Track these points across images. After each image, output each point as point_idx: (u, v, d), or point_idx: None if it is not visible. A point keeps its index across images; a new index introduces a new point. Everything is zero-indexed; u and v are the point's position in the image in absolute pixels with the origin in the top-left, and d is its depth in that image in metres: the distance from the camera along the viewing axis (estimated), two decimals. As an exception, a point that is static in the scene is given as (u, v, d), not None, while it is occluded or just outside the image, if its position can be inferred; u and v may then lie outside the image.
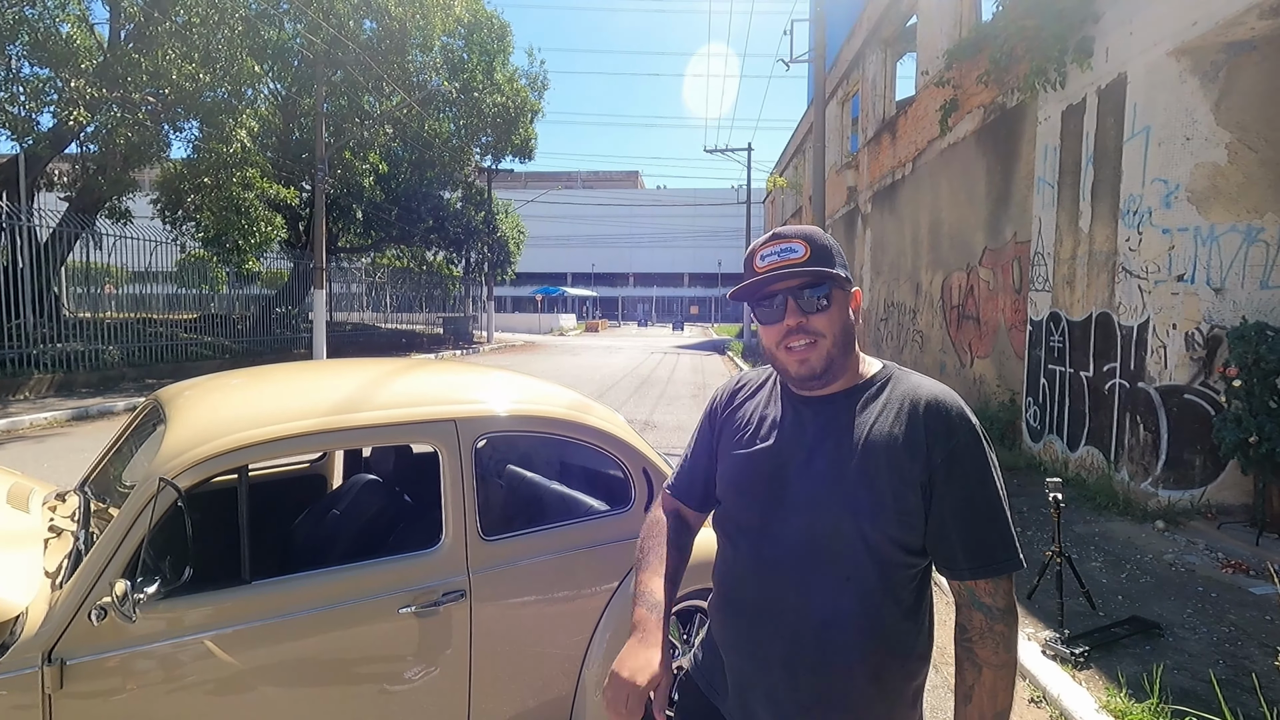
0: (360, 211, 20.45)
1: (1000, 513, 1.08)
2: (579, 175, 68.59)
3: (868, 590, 1.08)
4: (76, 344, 11.59)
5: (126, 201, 14.40)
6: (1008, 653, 1.07)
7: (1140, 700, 2.76)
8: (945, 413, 1.08)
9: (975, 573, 1.07)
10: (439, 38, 18.96)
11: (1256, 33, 4.71)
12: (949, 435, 1.07)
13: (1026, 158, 7.39)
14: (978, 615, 1.07)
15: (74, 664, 1.60)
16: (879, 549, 1.07)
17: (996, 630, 1.06)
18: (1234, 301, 5.02)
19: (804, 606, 1.10)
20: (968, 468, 1.07)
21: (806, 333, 1.09)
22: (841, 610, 1.08)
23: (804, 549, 1.10)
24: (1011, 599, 1.08)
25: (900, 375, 1.16)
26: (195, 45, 11.78)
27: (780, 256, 1.10)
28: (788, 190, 25.42)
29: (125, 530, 1.67)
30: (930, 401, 1.09)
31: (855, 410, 1.12)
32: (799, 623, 1.10)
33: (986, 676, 1.06)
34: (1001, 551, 1.07)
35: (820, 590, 1.09)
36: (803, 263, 1.09)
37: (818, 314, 1.10)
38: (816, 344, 1.10)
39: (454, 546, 2.05)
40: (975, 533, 1.06)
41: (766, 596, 1.13)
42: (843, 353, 1.12)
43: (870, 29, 13.69)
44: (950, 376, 9.82)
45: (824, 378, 1.11)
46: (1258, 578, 4.06)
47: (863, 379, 1.16)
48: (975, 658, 1.07)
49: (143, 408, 2.45)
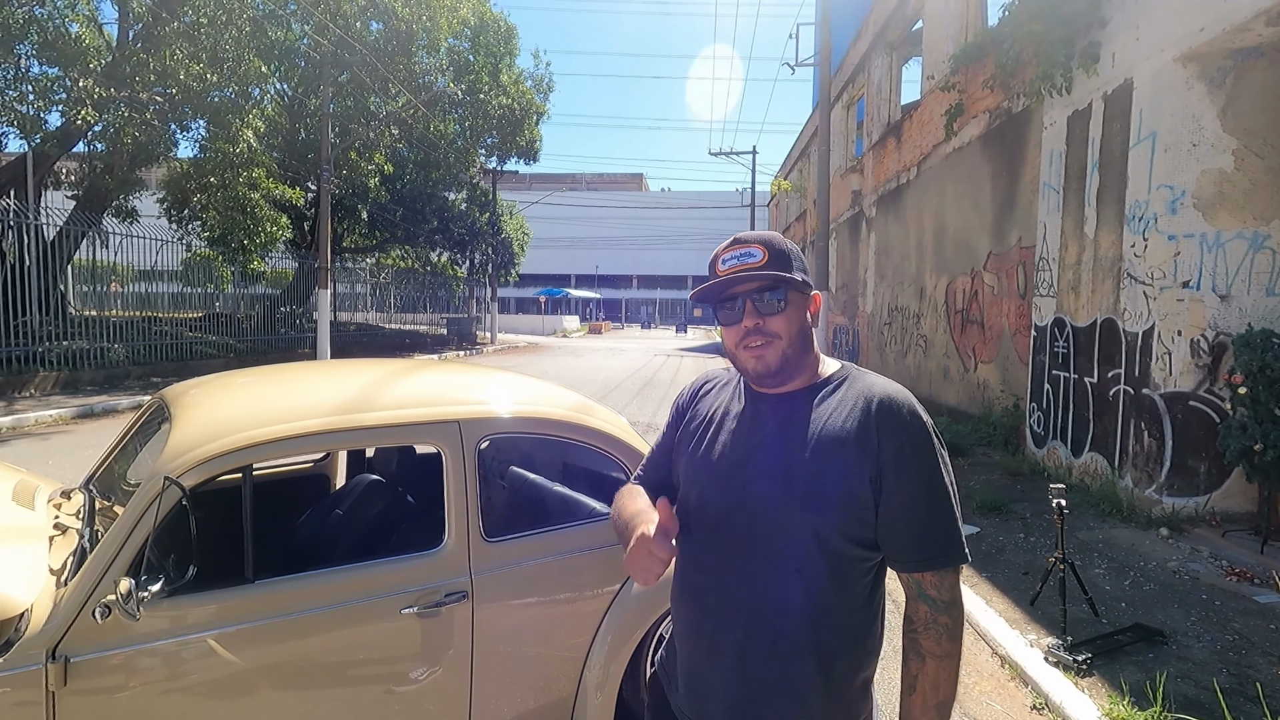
0: (365, 212, 20.51)
1: (947, 507, 1.10)
2: (583, 177, 68.69)
3: (817, 583, 1.10)
4: (82, 342, 11.64)
5: (133, 200, 14.50)
6: (951, 644, 1.09)
7: (1143, 708, 2.75)
8: (896, 409, 1.11)
9: (921, 565, 1.09)
10: (445, 39, 19.03)
11: (1264, 39, 4.70)
12: (898, 431, 1.09)
13: (1032, 163, 7.38)
14: (923, 607, 1.10)
15: (78, 661, 1.60)
16: (829, 542, 1.09)
17: (940, 622, 1.09)
18: (1240, 308, 5.00)
19: (755, 598, 1.13)
20: (916, 463, 1.09)
21: (763, 334, 1.13)
22: (791, 602, 1.11)
23: (755, 541, 1.13)
24: (957, 592, 1.11)
25: (856, 375, 1.19)
26: (203, 45, 11.84)
27: (739, 261, 1.14)
28: (792, 194, 25.42)
29: (130, 528, 1.68)
30: (882, 398, 1.12)
31: (811, 407, 1.15)
32: (750, 614, 1.13)
33: (930, 666, 1.09)
34: (946, 545, 1.09)
35: (771, 582, 1.12)
36: (760, 267, 1.13)
37: (774, 316, 1.13)
38: (772, 343, 1.13)
39: (456, 547, 2.05)
40: (922, 526, 1.09)
41: (719, 587, 1.16)
42: (799, 353, 1.15)
43: (876, 33, 13.69)
44: (954, 381, 9.80)
45: (780, 375, 1.15)
46: (1262, 586, 4.04)
47: (820, 378, 1.20)
48: (920, 648, 1.10)
49: (148, 406, 2.46)
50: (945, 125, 9.30)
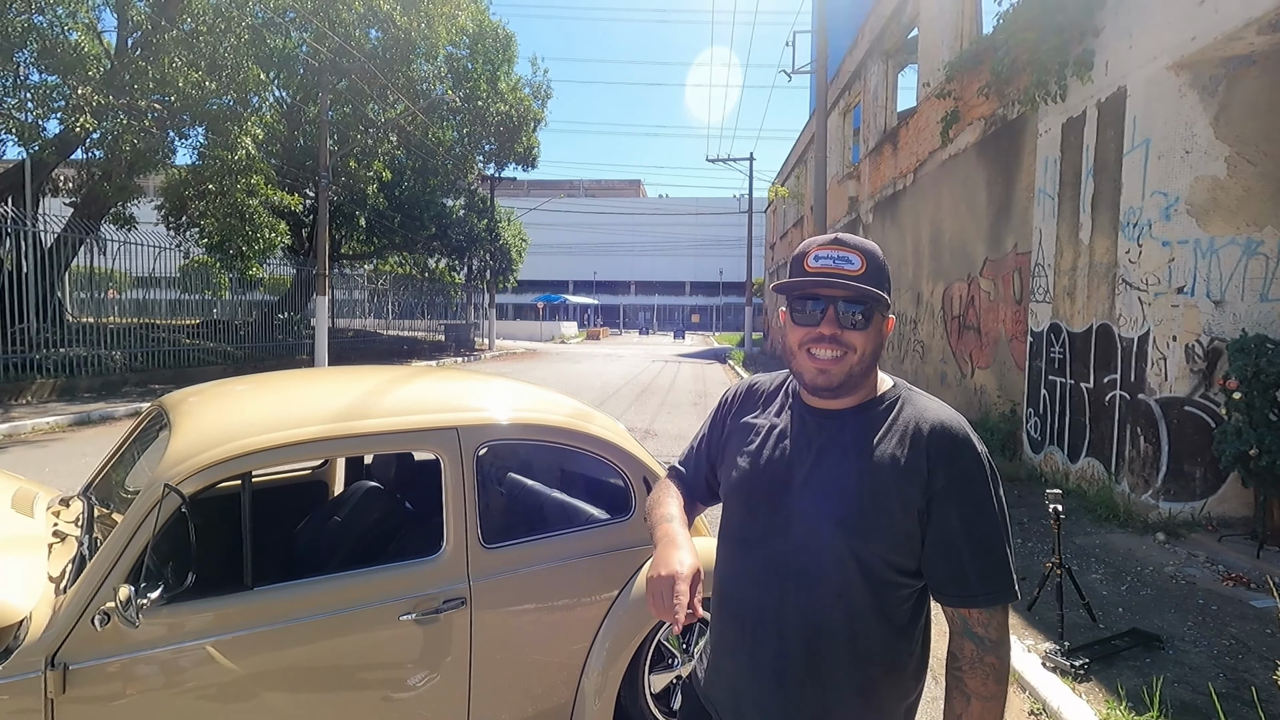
0: (363, 218, 20.56)
1: (998, 542, 1.06)
2: (581, 183, 68.86)
3: (858, 607, 1.08)
4: (79, 349, 11.62)
5: (131, 207, 14.49)
6: (998, 684, 1.06)
7: (1140, 713, 2.76)
8: (949, 438, 1.08)
9: (967, 601, 1.06)
10: (444, 47, 19.11)
11: (1255, 47, 4.75)
12: (950, 461, 1.06)
13: (1027, 169, 7.42)
14: (969, 644, 1.07)
15: (77, 669, 1.61)
16: (871, 568, 1.07)
17: (987, 661, 1.05)
18: (1234, 314, 5.03)
19: (795, 619, 1.10)
20: (967, 495, 1.06)
21: (839, 344, 1.09)
22: (831, 625, 1.09)
23: (798, 562, 1.11)
24: (1005, 631, 1.07)
25: (909, 396, 1.16)
26: (202, 53, 11.87)
27: (835, 263, 1.09)
28: (789, 200, 25.50)
29: (129, 536, 1.68)
30: (935, 425, 1.09)
31: (862, 429, 1.12)
32: (789, 634, 1.11)
33: (975, 707, 1.06)
34: (996, 582, 1.06)
35: (811, 604, 1.09)
36: (857, 276, 1.08)
37: (854, 330, 1.09)
38: (844, 358, 1.09)
39: (455, 554, 2.06)
40: (970, 561, 1.05)
41: (761, 605, 1.14)
42: (864, 372, 1.12)
43: (872, 40, 13.78)
44: (951, 387, 9.82)
45: (839, 391, 1.11)
46: (1258, 591, 4.05)
47: (873, 397, 1.16)
48: (964, 687, 1.07)
49: (147, 413, 2.47)
50: (941, 132, 9.36)
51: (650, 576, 1.10)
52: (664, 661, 2.49)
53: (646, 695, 2.43)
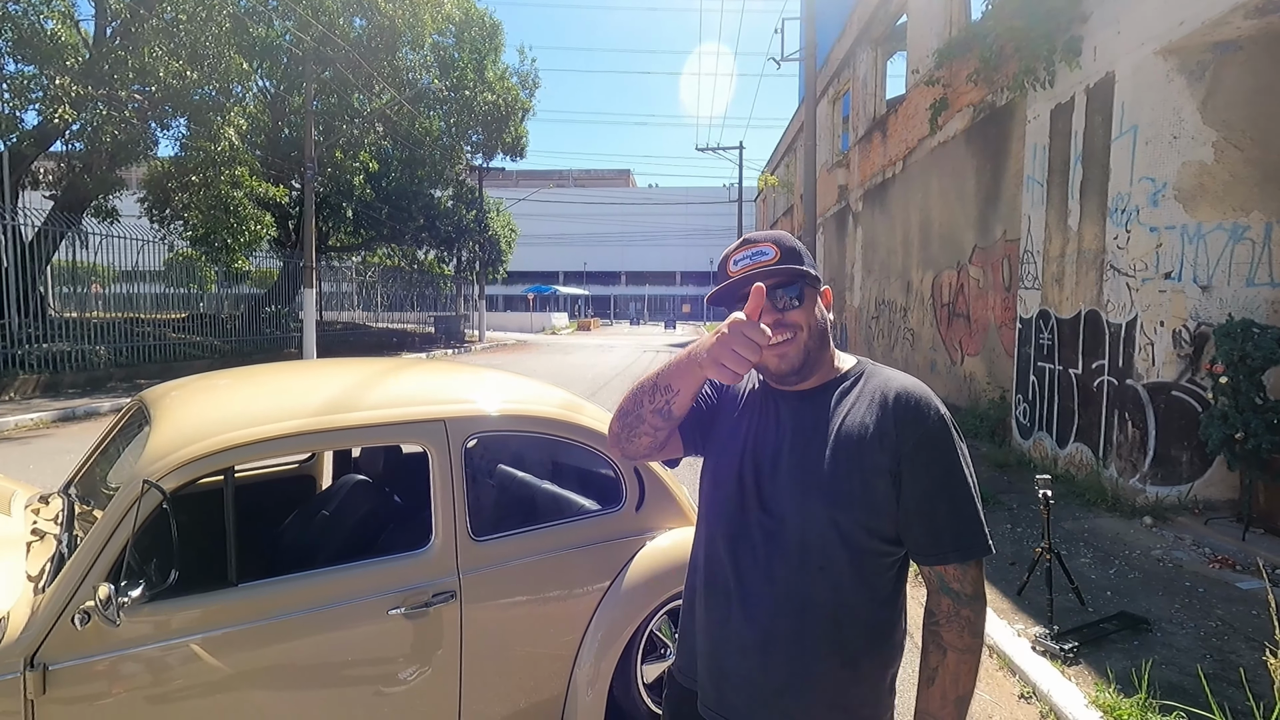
0: (350, 210, 20.36)
1: (968, 499, 1.11)
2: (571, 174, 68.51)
3: (841, 579, 1.11)
4: (63, 344, 11.47)
5: (113, 200, 14.27)
6: (973, 637, 1.10)
7: (1129, 695, 2.78)
8: (914, 403, 1.12)
9: (942, 558, 1.10)
10: (429, 36, 18.87)
11: (1242, 32, 4.75)
12: (917, 424, 1.10)
13: (1016, 156, 7.43)
14: (945, 600, 1.11)
15: (57, 669, 1.58)
16: (851, 537, 1.11)
17: (963, 615, 1.10)
18: (1220, 299, 5.06)
19: (779, 594, 1.13)
20: (935, 456, 1.10)
21: (785, 327, 1.13)
22: (815, 598, 1.12)
23: (778, 539, 1.14)
24: (980, 586, 1.11)
25: (873, 370, 1.20)
26: (182, 42, 11.67)
27: (752, 260, 1.14)
28: (779, 189, 25.46)
29: (109, 533, 1.65)
30: (900, 392, 1.13)
31: (830, 404, 1.16)
32: (774, 610, 1.14)
33: (951, 659, 1.10)
34: (969, 537, 1.10)
35: (794, 578, 1.13)
36: (774, 264, 1.13)
37: (792, 310, 1.14)
38: (795, 338, 1.13)
39: (444, 547, 2.03)
40: (943, 519, 1.10)
41: (742, 583, 1.17)
42: (819, 347, 1.16)
43: (861, 28, 13.72)
44: (941, 374, 9.86)
45: (802, 372, 1.15)
46: (1244, 573, 4.10)
47: (838, 374, 1.20)
48: (941, 641, 1.11)
49: (127, 409, 2.43)
50: (930, 120, 9.34)
51: (710, 349, 1.02)
52: (656, 652, 2.48)
53: (639, 686, 2.42)
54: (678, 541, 2.45)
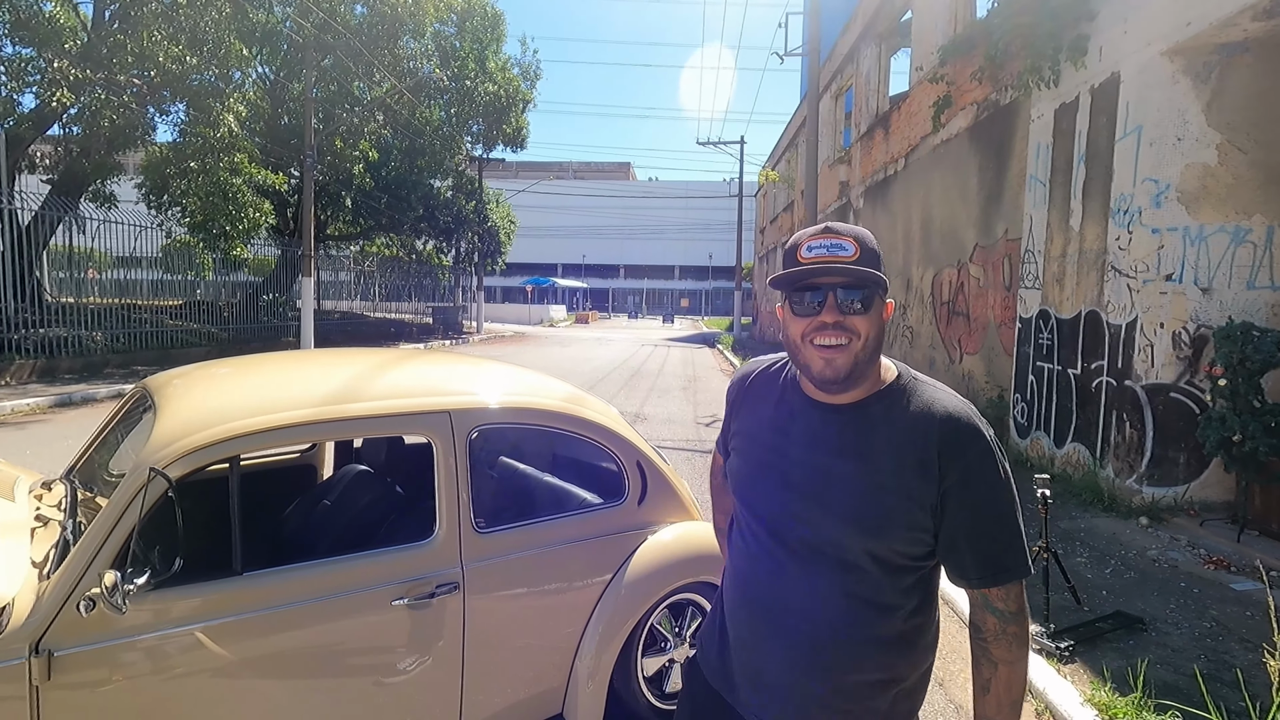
0: (350, 199, 20.25)
1: (1011, 524, 1.10)
2: (570, 166, 68.30)
3: (872, 598, 1.11)
4: (59, 329, 11.41)
5: (111, 185, 14.19)
6: (1021, 649, 1.12)
7: (1124, 694, 2.80)
8: (958, 430, 1.09)
9: (986, 582, 1.11)
10: (431, 24, 18.77)
11: (1249, 34, 4.74)
12: (961, 454, 1.08)
13: (1019, 155, 7.42)
14: (991, 619, 1.12)
15: (62, 655, 1.58)
16: (884, 560, 1.10)
17: (1009, 631, 1.11)
18: (1221, 301, 5.07)
19: (809, 610, 1.13)
20: (979, 484, 1.08)
21: (843, 331, 1.07)
22: (845, 615, 1.12)
23: (808, 556, 1.13)
24: (1022, 601, 1.12)
25: (915, 386, 1.15)
26: (182, 27, 11.58)
27: (829, 251, 1.08)
28: (780, 184, 25.41)
29: (114, 520, 1.65)
30: (943, 418, 1.09)
31: (870, 422, 1.12)
32: (804, 625, 1.13)
33: (1003, 672, 1.12)
34: (1011, 562, 1.10)
35: (824, 596, 1.12)
36: (852, 261, 1.07)
37: (855, 315, 1.08)
38: (849, 345, 1.07)
39: (448, 539, 2.03)
40: (985, 546, 1.09)
41: (774, 597, 1.16)
42: (869, 359, 1.11)
43: (865, 24, 13.68)
44: (939, 372, 9.88)
45: (845, 383, 1.10)
46: (1239, 574, 4.13)
47: (879, 387, 1.15)
48: (991, 656, 1.13)
49: (130, 396, 2.42)
50: (933, 117, 9.32)
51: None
52: (657, 645, 2.49)
53: (640, 678, 2.43)
54: (679, 536, 2.46)
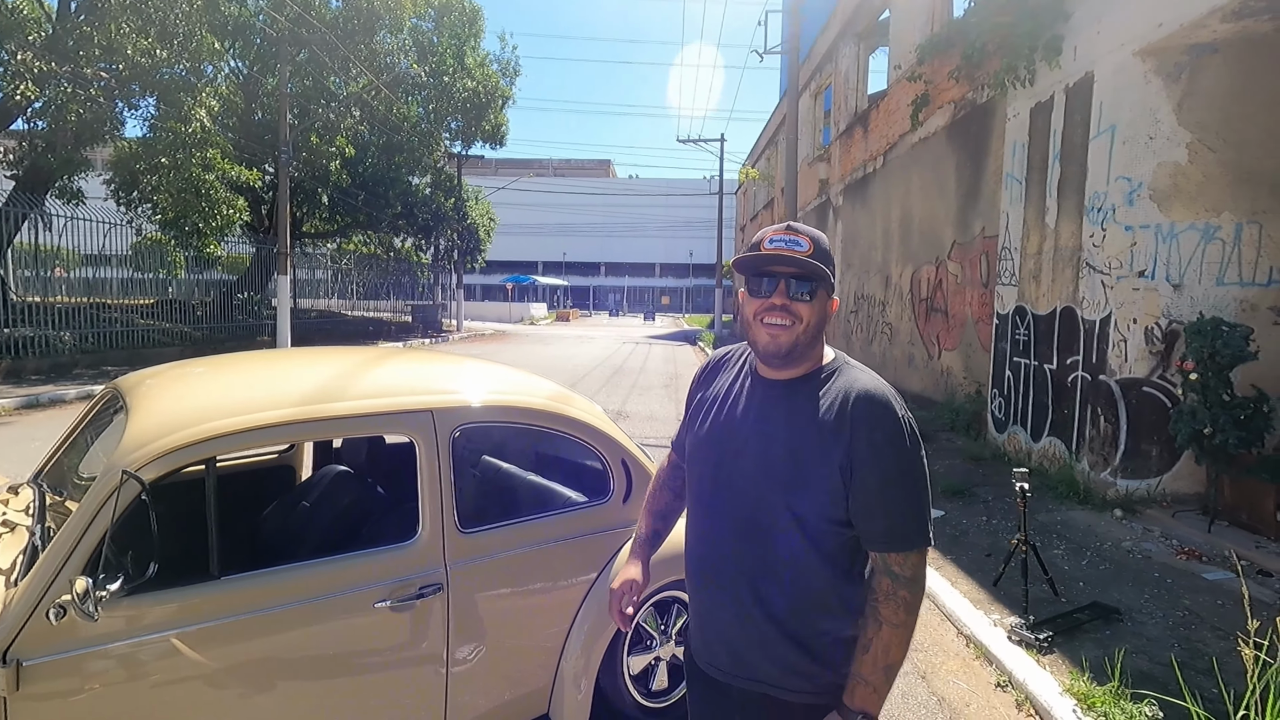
0: (326, 196, 19.92)
1: (913, 495, 1.21)
2: (550, 163, 67.92)
3: (800, 556, 1.23)
4: (25, 329, 11.11)
5: (78, 181, 13.81)
6: (907, 615, 1.20)
7: (1102, 683, 2.85)
8: (870, 403, 1.21)
9: (885, 547, 1.21)
10: (408, 19, 18.54)
11: (1218, 35, 4.84)
12: (870, 424, 1.19)
13: (996, 154, 7.51)
14: (886, 580, 1.21)
15: (31, 665, 1.53)
16: (807, 521, 1.22)
17: (900, 595, 1.20)
18: (1191, 297, 5.18)
19: (746, 567, 1.26)
20: (885, 454, 1.19)
21: (789, 314, 1.23)
22: (778, 572, 1.24)
23: (744, 516, 1.26)
24: (919, 570, 1.22)
25: (844, 368, 1.29)
26: (151, 19, 11.29)
27: (787, 246, 1.24)
28: (760, 182, 25.51)
29: (85, 525, 1.60)
30: (859, 393, 1.22)
31: (802, 396, 1.26)
32: (742, 581, 1.27)
33: (885, 633, 1.20)
34: (911, 530, 1.20)
35: (759, 554, 1.25)
36: (806, 256, 1.23)
37: (801, 302, 1.24)
38: (793, 326, 1.23)
39: (431, 539, 2.01)
40: (887, 513, 1.20)
41: (716, 554, 1.31)
42: (809, 343, 1.26)
43: (844, 22, 13.76)
44: (918, 368, 9.99)
45: (787, 359, 1.25)
46: (1210, 564, 4.22)
47: (815, 369, 1.29)
48: (879, 615, 1.21)
49: (100, 396, 2.35)
50: (911, 115, 9.41)
51: (609, 589, 1.34)
52: (642, 643, 2.48)
53: (625, 676, 2.42)
54: (665, 533, 2.45)
